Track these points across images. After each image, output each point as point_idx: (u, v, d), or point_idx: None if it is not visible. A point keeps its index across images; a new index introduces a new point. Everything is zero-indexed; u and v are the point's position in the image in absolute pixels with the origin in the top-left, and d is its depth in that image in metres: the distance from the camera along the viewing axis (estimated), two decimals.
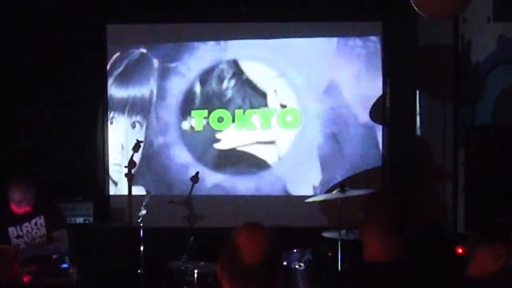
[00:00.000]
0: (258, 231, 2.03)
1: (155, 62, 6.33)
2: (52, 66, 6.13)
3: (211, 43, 6.31)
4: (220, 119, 6.33)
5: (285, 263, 4.46)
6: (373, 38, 6.20)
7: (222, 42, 6.30)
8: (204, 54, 6.32)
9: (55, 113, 6.15)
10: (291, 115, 6.28)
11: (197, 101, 6.35)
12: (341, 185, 4.77)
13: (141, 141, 5.88)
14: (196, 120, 6.35)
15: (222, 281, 2.01)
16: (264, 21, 6.26)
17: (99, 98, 6.31)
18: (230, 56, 6.31)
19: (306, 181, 6.24)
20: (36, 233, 4.92)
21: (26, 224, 4.90)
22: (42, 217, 4.94)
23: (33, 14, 6.10)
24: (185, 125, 6.36)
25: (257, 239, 2.00)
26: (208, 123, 6.33)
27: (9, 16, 6.06)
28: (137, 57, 6.33)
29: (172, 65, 6.33)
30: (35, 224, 4.93)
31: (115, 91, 6.34)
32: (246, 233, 2.02)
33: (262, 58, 6.26)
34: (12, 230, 4.88)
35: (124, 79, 6.34)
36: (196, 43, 6.31)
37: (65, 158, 6.08)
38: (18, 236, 4.88)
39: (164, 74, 6.33)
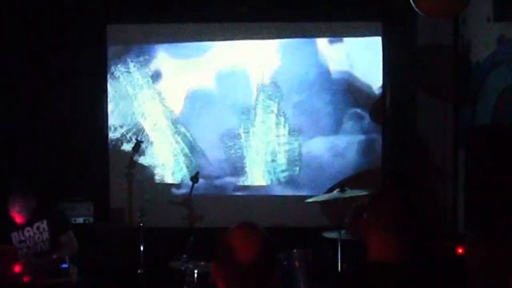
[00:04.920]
0: (252, 230, 2.04)
1: (155, 62, 6.32)
2: (52, 66, 6.12)
3: (211, 43, 6.30)
4: None
5: (285, 263, 4.46)
6: (373, 38, 6.20)
7: (222, 42, 6.30)
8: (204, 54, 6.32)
9: (55, 113, 6.14)
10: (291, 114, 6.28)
11: None
12: (341, 185, 4.78)
13: (141, 141, 5.90)
14: None
15: (217, 281, 2.02)
16: (264, 21, 6.25)
17: (99, 98, 6.30)
18: (231, 56, 6.31)
19: (306, 181, 6.23)
20: (38, 237, 4.93)
21: (28, 228, 4.91)
22: (44, 221, 4.94)
23: (33, 14, 6.10)
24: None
25: (251, 238, 2.00)
26: None
27: (9, 16, 6.05)
28: (137, 57, 6.33)
29: (172, 65, 6.32)
30: (37, 228, 4.93)
31: (115, 91, 6.34)
32: (240, 233, 2.03)
33: (262, 58, 6.26)
34: (14, 236, 4.89)
35: (124, 79, 6.33)
36: (196, 43, 6.31)
37: (65, 158, 6.08)
38: (20, 241, 4.90)
39: (163, 74, 6.33)
